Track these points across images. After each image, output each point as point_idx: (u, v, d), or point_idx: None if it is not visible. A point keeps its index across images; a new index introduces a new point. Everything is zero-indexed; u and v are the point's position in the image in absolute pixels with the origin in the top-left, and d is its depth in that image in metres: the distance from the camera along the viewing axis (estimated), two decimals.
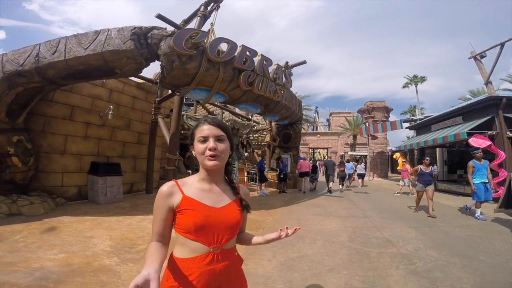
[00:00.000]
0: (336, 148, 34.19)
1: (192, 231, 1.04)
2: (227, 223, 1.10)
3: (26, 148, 6.08)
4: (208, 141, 1.07)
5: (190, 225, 1.04)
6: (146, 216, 5.82)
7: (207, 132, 1.08)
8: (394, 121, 19.21)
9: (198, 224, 1.04)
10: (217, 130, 1.09)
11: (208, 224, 1.06)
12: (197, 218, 1.04)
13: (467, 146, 10.93)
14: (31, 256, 3.38)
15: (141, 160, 9.37)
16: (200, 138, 1.08)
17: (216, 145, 1.07)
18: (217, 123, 1.12)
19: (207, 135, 1.07)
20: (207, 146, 1.07)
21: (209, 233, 1.06)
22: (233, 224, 1.12)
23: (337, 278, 3.10)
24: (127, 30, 5.39)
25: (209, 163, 1.07)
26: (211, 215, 1.07)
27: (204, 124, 1.10)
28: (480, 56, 10.28)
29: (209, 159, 1.06)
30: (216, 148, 1.06)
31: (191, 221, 1.04)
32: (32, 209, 5.54)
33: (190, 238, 1.05)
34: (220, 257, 1.07)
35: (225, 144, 1.10)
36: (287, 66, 9.68)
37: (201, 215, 1.05)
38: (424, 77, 31.51)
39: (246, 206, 1.19)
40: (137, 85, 9.37)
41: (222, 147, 1.09)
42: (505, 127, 9.06)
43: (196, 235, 1.05)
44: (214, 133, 1.08)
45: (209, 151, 1.06)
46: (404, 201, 9.46)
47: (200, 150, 1.08)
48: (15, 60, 5.29)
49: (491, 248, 4.20)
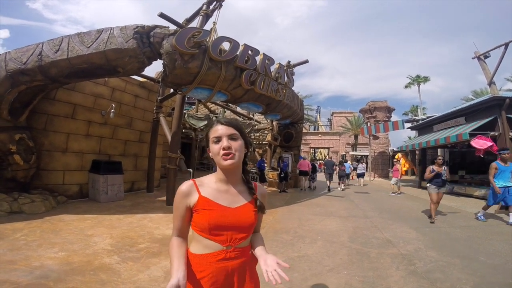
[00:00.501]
0: (338, 148, 34.16)
1: (207, 230, 1.08)
2: (241, 224, 1.13)
3: (28, 146, 6.10)
4: (221, 141, 1.09)
5: (205, 224, 1.07)
6: (146, 215, 5.84)
7: (220, 132, 1.10)
8: (396, 121, 19.16)
9: (212, 223, 1.07)
10: (230, 129, 1.11)
11: (223, 224, 1.09)
12: (212, 218, 1.07)
13: (469, 147, 10.88)
14: (32, 254, 3.40)
15: (142, 158, 9.39)
16: (214, 139, 1.11)
17: (229, 143, 1.09)
18: (230, 122, 1.14)
19: (220, 135, 1.09)
20: (221, 146, 1.08)
21: (223, 232, 1.09)
22: (247, 224, 1.14)
23: (337, 278, 3.10)
24: (129, 29, 5.39)
25: (225, 162, 1.08)
26: (226, 215, 1.10)
27: (217, 125, 1.12)
28: (484, 56, 10.22)
29: (224, 158, 1.08)
30: (230, 147, 1.08)
31: (205, 221, 1.07)
32: (33, 207, 5.57)
33: (205, 236, 1.09)
34: (233, 255, 1.10)
35: (239, 142, 1.12)
36: (289, 65, 9.66)
37: (216, 215, 1.08)
38: (427, 77, 31.25)
39: (260, 208, 1.21)
40: (139, 84, 9.39)
41: (236, 145, 1.10)
42: (508, 127, 9.02)
43: (211, 233, 1.08)
44: (227, 132, 1.10)
45: (223, 150, 1.08)
46: (404, 201, 9.44)
47: (215, 151, 1.10)
48: (18, 58, 5.31)
49: (491, 249, 4.19)
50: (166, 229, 4.88)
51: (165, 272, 3.10)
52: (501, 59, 9.68)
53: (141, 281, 2.86)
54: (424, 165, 15.46)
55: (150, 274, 3.04)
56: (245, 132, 1.19)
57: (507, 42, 9.37)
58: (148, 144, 9.49)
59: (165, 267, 3.24)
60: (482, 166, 13.31)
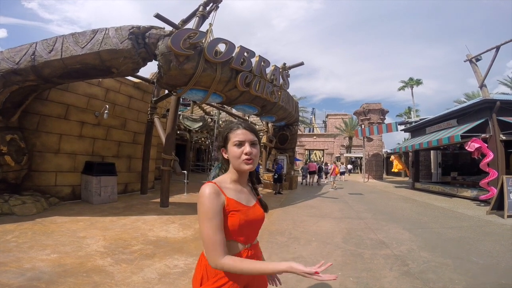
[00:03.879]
0: (332, 149, 34.35)
1: (236, 231, 1.10)
2: (258, 220, 1.19)
3: (20, 147, 6.01)
4: (244, 146, 1.12)
5: (235, 225, 1.09)
6: (140, 217, 5.79)
7: (243, 137, 1.13)
8: (390, 123, 19.36)
9: (242, 223, 1.10)
10: (252, 135, 1.15)
11: (248, 223, 1.13)
12: (241, 218, 1.10)
13: (461, 148, 11.07)
14: (23, 256, 3.34)
15: (136, 160, 9.31)
16: (236, 142, 1.13)
17: (251, 149, 1.13)
18: (251, 128, 1.18)
19: (243, 140, 1.13)
20: (243, 151, 1.12)
21: (247, 231, 1.14)
22: (262, 220, 1.21)
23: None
24: (125, 30, 5.37)
25: (246, 167, 1.12)
26: (249, 213, 1.14)
27: (239, 129, 1.16)
28: (476, 59, 10.37)
29: (246, 163, 1.12)
30: (252, 153, 1.12)
31: (237, 222, 1.09)
32: (24, 209, 5.47)
33: (232, 239, 1.11)
34: (252, 252, 1.17)
35: (257, 149, 1.17)
36: (285, 68, 9.72)
37: (243, 215, 1.11)
38: (420, 80, 31.87)
39: (264, 207, 1.26)
40: (134, 85, 9.32)
41: (255, 151, 1.15)
42: (499, 130, 9.18)
43: (237, 234, 1.10)
44: (249, 138, 1.14)
45: (245, 155, 1.11)
46: (397, 203, 9.53)
47: (237, 154, 1.12)
48: (11, 58, 5.24)
49: (483, 250, 4.25)
50: (160, 231, 4.85)
51: (159, 274, 3.08)
52: (492, 62, 9.83)
53: (135, 283, 2.84)
54: (417, 167, 15.67)
55: (144, 276, 3.01)
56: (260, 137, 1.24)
57: (498, 45, 9.52)
58: (142, 146, 9.41)
59: (159, 269, 3.21)
60: (474, 167, 13.58)
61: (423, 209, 8.18)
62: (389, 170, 25.51)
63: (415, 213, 7.46)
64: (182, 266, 3.34)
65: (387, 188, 15.34)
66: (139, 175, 9.31)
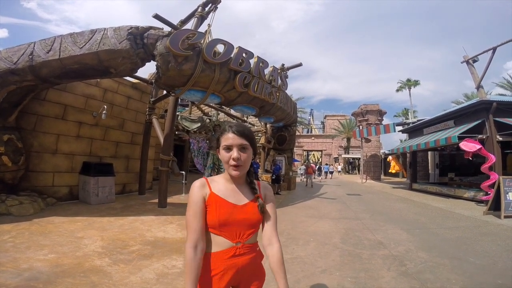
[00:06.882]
0: (330, 150, 34.44)
1: (217, 226, 1.12)
2: (248, 220, 1.17)
3: (17, 147, 5.98)
4: (232, 151, 1.13)
5: (215, 220, 1.12)
6: (138, 217, 5.77)
7: (231, 141, 1.13)
8: (387, 124, 19.42)
9: (222, 220, 1.12)
10: (241, 139, 1.13)
11: (231, 221, 1.14)
12: (221, 214, 1.12)
13: (458, 149, 11.11)
14: (20, 257, 3.33)
15: (134, 160, 9.28)
16: (224, 147, 1.14)
17: (239, 155, 1.12)
18: (241, 131, 1.15)
19: (231, 144, 1.13)
20: (231, 156, 1.12)
21: (232, 229, 1.14)
22: (253, 221, 1.19)
23: (330, 279, 3.12)
24: (123, 30, 5.36)
25: (233, 172, 1.14)
26: (235, 212, 1.15)
27: (229, 133, 1.15)
28: (473, 60, 10.43)
29: (233, 169, 1.13)
30: (239, 158, 1.12)
31: (216, 217, 1.12)
32: (21, 209, 5.45)
33: (215, 233, 1.14)
34: (243, 251, 1.15)
35: (247, 153, 1.15)
36: (283, 68, 9.74)
37: (225, 212, 1.13)
38: (417, 81, 31.99)
39: (260, 206, 1.20)
40: (132, 85, 9.31)
41: (244, 156, 1.14)
42: (495, 131, 9.24)
43: (220, 230, 1.13)
44: (238, 142, 1.13)
45: (232, 161, 1.12)
46: (395, 203, 9.57)
47: (225, 159, 1.14)
48: (9, 58, 5.22)
49: (480, 250, 4.28)
50: (158, 231, 4.84)
51: (157, 274, 3.07)
52: (489, 63, 9.90)
53: (133, 283, 2.83)
54: (414, 168, 15.73)
55: (142, 276, 3.01)
56: (255, 140, 1.21)
57: (495, 46, 9.59)
58: (140, 146, 9.39)
59: (157, 269, 3.21)
60: (471, 168, 13.65)
61: (420, 210, 8.22)
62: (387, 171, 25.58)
63: (413, 214, 7.49)
64: (180, 266, 3.33)
65: (385, 188, 15.39)
66: (137, 175, 9.28)
